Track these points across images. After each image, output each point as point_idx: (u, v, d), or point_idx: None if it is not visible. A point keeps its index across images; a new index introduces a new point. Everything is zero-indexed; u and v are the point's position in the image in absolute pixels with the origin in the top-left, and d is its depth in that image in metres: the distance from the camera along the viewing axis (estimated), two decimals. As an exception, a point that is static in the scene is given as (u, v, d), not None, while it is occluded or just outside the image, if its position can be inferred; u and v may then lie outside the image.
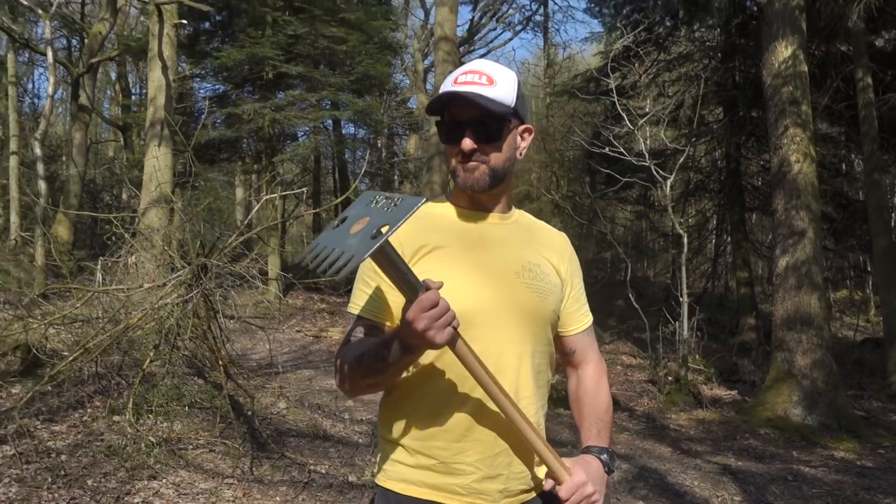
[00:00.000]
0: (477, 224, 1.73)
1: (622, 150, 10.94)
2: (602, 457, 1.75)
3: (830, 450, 7.48)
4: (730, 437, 7.67)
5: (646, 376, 10.30)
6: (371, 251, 1.32)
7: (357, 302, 1.69)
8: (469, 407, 1.60)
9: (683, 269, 9.91)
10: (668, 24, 15.74)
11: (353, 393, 1.67)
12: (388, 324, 1.65)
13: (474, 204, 1.74)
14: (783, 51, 9.35)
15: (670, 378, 9.26)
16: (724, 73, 14.43)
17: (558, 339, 1.85)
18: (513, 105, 1.67)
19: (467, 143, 1.63)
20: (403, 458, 1.64)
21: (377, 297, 1.66)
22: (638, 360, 11.38)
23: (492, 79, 1.65)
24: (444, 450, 1.60)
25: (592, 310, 1.93)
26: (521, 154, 1.75)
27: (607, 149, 10.85)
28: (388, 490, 1.65)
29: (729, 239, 16.64)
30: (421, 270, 1.57)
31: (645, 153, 10.37)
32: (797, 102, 9.23)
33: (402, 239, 1.63)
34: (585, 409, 1.87)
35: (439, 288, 1.42)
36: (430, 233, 1.67)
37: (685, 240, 10.11)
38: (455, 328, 1.44)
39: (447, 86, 1.66)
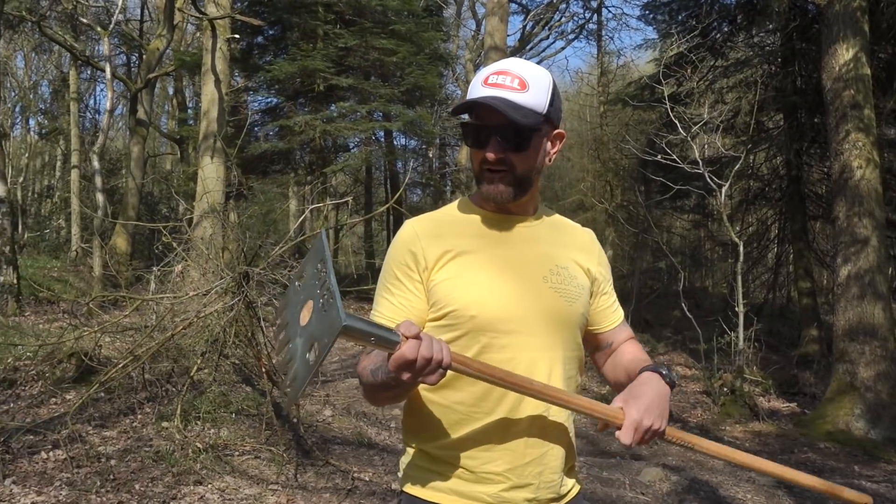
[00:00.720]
0: (502, 228, 1.68)
1: (675, 157, 10.73)
2: (660, 370, 1.60)
3: (895, 465, 7.18)
4: (787, 450, 7.43)
5: (700, 387, 10.06)
6: (299, 389, 1.28)
7: (379, 309, 1.65)
8: (498, 416, 1.56)
9: (739, 278, 9.66)
10: (726, 29, 15.45)
11: (375, 403, 1.64)
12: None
13: (501, 208, 1.68)
14: (844, 53, 9.06)
15: (725, 389, 9.01)
16: (784, 78, 14.09)
17: (594, 337, 1.81)
18: (545, 112, 1.58)
19: (491, 154, 1.56)
20: (431, 465, 1.61)
21: (400, 304, 1.62)
22: (693, 371, 11.12)
23: (524, 82, 1.56)
24: (473, 458, 1.57)
25: (647, 320, 1.88)
26: (550, 160, 1.69)
27: (660, 156, 10.66)
28: (415, 497, 1.62)
29: (791, 248, 16.19)
30: (445, 276, 1.56)
31: (699, 160, 10.14)
32: (859, 106, 8.94)
33: (423, 244, 1.60)
34: (627, 358, 1.77)
35: (415, 336, 1.31)
36: (453, 238, 1.63)
37: (741, 249, 9.86)
38: (445, 368, 1.34)
39: (476, 87, 1.59)
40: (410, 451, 1.66)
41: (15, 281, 10.94)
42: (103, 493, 4.45)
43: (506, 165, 1.58)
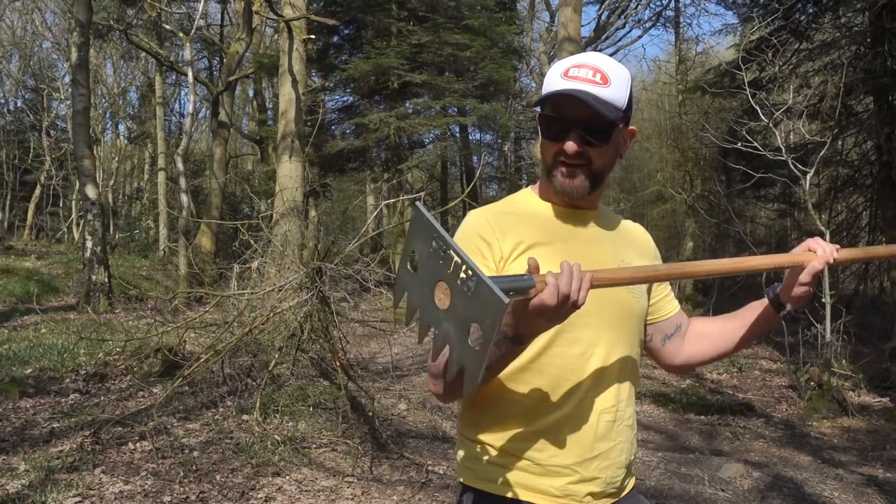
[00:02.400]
0: (571, 223, 1.68)
1: (757, 145, 10.40)
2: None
3: None
4: (879, 446, 7.11)
5: (786, 381, 9.73)
6: (480, 368, 1.19)
7: None
8: (568, 409, 1.55)
9: (826, 269, 9.27)
10: (810, 10, 14.88)
11: (448, 395, 1.58)
12: None
13: (570, 202, 1.68)
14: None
15: (812, 383, 8.69)
16: (874, 60, 13.46)
17: (659, 325, 1.81)
18: (624, 107, 1.57)
19: (571, 147, 1.54)
20: (496, 458, 1.60)
21: None
22: (778, 365, 10.77)
23: (606, 77, 1.53)
24: (541, 451, 1.56)
25: (728, 310, 1.88)
26: (622, 155, 1.68)
27: (740, 144, 10.35)
28: (480, 491, 1.62)
29: (883, 237, 15.51)
30: (519, 268, 1.54)
31: (782, 147, 9.80)
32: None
33: (497, 234, 1.59)
34: (718, 322, 1.84)
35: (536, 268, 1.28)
36: (526, 229, 1.62)
37: (828, 238, 9.46)
38: (580, 303, 1.31)
39: (555, 79, 1.56)
40: (471, 444, 1.65)
41: (106, 280, 11.46)
42: (186, 483, 4.61)
43: (583, 160, 1.56)
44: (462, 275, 1.19)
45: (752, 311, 1.76)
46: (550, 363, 1.54)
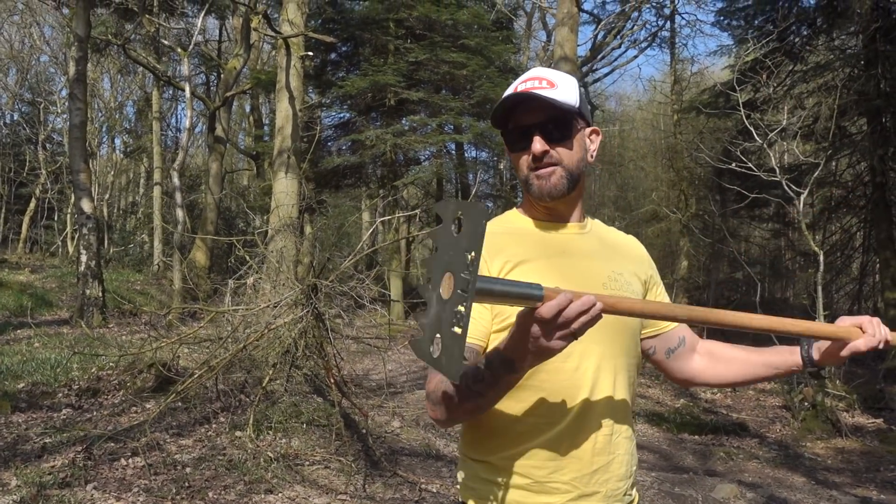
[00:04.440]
0: (558, 235, 1.68)
1: (751, 165, 10.46)
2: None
3: None
4: (872, 468, 7.11)
5: (780, 402, 9.74)
6: (464, 330, 1.18)
7: None
8: (565, 424, 1.55)
9: (819, 289, 9.32)
10: (804, 32, 15.02)
11: (449, 420, 1.57)
12: (482, 345, 1.59)
13: (552, 215, 1.69)
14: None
15: (806, 404, 8.70)
16: (867, 82, 13.57)
17: (661, 338, 1.80)
18: (577, 105, 1.61)
19: (538, 146, 1.57)
20: (494, 476, 1.59)
21: (473, 316, 1.58)
22: (771, 385, 10.78)
23: (552, 82, 1.60)
24: (540, 469, 1.55)
25: (724, 332, 1.88)
26: (591, 156, 1.70)
27: (734, 164, 10.41)
28: None
29: (876, 257, 15.56)
30: None
31: (775, 168, 9.86)
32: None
33: (486, 255, 1.59)
34: (741, 351, 1.81)
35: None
36: (511, 247, 1.63)
37: (822, 258, 9.50)
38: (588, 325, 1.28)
39: (508, 94, 1.62)
40: (471, 462, 1.65)
41: (100, 294, 11.42)
42: (178, 499, 4.58)
43: (553, 160, 1.60)
44: (462, 264, 1.21)
45: (779, 355, 1.75)
46: (546, 379, 1.53)
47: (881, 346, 1.58)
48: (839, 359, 1.63)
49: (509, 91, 1.63)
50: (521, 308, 1.29)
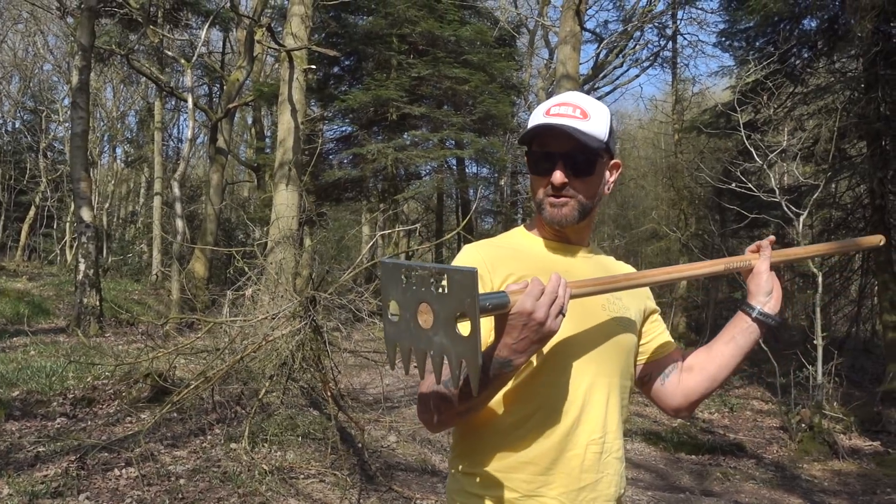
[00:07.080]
0: (564, 257, 1.71)
1: (751, 186, 10.48)
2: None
3: None
4: (869, 490, 7.08)
5: (777, 423, 9.70)
6: (477, 352, 1.22)
7: None
8: (556, 438, 1.56)
9: (818, 310, 9.31)
10: (805, 55, 15.08)
11: (440, 424, 1.58)
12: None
13: (560, 237, 1.72)
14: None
15: (804, 425, 8.67)
16: (867, 105, 13.62)
17: (656, 364, 1.81)
18: (605, 140, 1.63)
19: (558, 177, 1.60)
20: (482, 490, 1.59)
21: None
22: (769, 406, 10.76)
23: (586, 112, 1.61)
24: (528, 482, 1.55)
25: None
26: (608, 189, 1.74)
27: (734, 184, 10.43)
28: None
29: (875, 280, 15.55)
30: None
31: (775, 189, 9.88)
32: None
33: (489, 267, 1.61)
34: (707, 347, 1.81)
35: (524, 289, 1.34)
36: (516, 262, 1.64)
37: (820, 280, 9.50)
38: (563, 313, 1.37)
39: (538, 117, 1.63)
40: (459, 475, 1.65)
41: (98, 303, 11.40)
42: (171, 511, 4.55)
43: (570, 192, 1.62)
44: (432, 280, 1.23)
45: (730, 326, 1.75)
46: (537, 392, 1.54)
47: (769, 253, 1.77)
48: (762, 285, 1.73)
49: (540, 111, 1.65)
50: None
